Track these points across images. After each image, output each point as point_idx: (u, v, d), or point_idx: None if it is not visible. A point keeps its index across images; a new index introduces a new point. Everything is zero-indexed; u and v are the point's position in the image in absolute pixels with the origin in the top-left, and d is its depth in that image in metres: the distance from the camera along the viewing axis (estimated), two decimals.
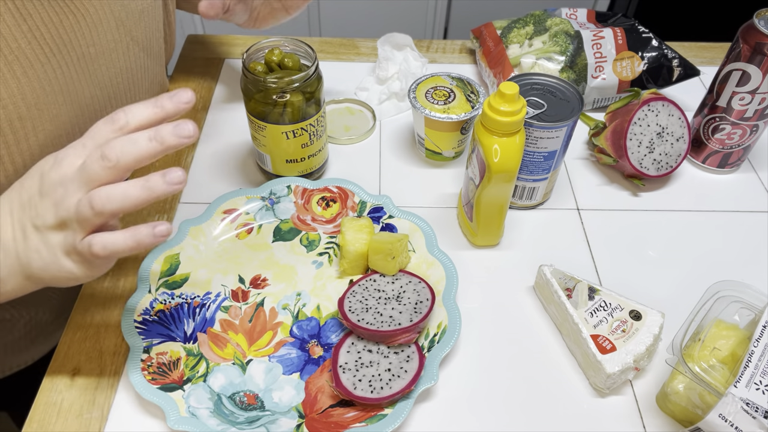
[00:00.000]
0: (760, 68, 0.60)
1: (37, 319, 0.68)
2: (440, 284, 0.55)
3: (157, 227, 0.39)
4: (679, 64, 0.75)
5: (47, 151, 0.49)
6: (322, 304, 0.56)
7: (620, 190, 0.68)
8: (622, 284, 0.58)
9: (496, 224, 0.60)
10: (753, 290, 0.49)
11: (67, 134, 0.52)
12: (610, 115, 0.68)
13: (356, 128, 0.75)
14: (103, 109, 0.56)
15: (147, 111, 0.40)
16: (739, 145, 0.67)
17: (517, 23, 0.78)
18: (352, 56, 0.86)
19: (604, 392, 0.51)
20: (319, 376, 0.51)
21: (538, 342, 0.55)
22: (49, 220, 0.40)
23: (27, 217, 0.41)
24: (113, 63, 0.55)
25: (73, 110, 0.52)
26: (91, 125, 0.44)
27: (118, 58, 0.56)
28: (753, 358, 0.44)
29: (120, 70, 0.57)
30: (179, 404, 0.47)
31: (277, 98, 0.58)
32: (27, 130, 0.48)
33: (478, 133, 0.54)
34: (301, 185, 0.63)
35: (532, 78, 0.61)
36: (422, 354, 0.50)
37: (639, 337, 0.51)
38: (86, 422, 0.49)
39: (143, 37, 0.59)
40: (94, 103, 0.55)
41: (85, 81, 0.52)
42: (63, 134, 0.51)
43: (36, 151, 0.49)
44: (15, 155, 0.48)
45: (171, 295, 0.55)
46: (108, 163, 0.38)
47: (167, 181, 0.38)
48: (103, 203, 0.38)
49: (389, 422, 0.46)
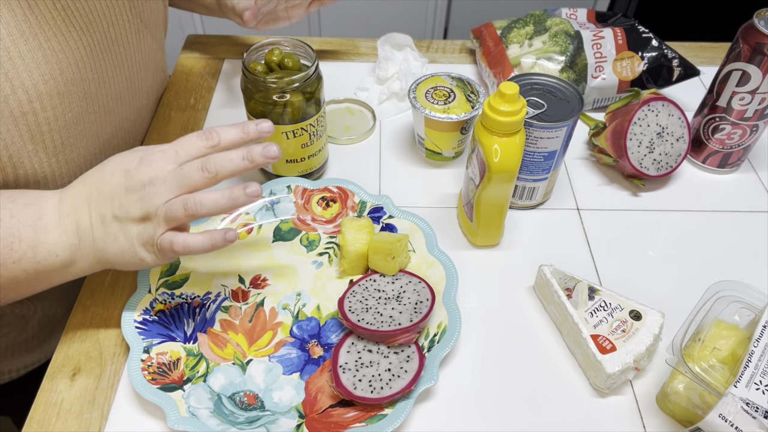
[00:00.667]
0: (760, 68, 0.60)
1: (50, 315, 0.69)
2: (440, 284, 0.55)
3: (228, 233, 0.46)
4: (679, 64, 0.75)
5: (79, 128, 0.54)
6: (322, 304, 0.56)
7: (620, 190, 0.68)
8: (622, 284, 0.59)
9: (496, 224, 0.60)
10: (753, 290, 0.49)
11: (95, 113, 0.56)
12: (610, 115, 0.68)
13: (356, 128, 0.75)
14: (123, 91, 0.60)
15: (236, 134, 0.47)
16: (739, 145, 0.67)
17: (517, 23, 0.78)
18: (352, 56, 0.86)
19: (604, 392, 0.51)
20: (319, 376, 0.51)
21: (538, 342, 0.55)
22: (133, 213, 0.45)
23: (108, 207, 0.46)
24: (129, 44, 0.58)
25: (100, 89, 0.56)
26: (110, 106, 0.53)
27: (131, 41, 0.59)
28: (753, 358, 0.44)
29: (133, 52, 0.60)
30: (179, 404, 0.47)
31: (277, 98, 0.58)
32: (64, 107, 0.51)
33: (478, 133, 0.54)
34: (301, 185, 0.63)
35: (532, 78, 0.61)
36: (422, 354, 0.50)
37: (639, 337, 0.51)
38: (86, 422, 0.49)
39: (150, 20, 0.62)
40: (115, 84, 0.58)
41: (109, 61, 0.56)
42: (92, 112, 0.56)
43: (71, 128, 0.53)
44: (54, 132, 0.52)
45: (171, 295, 0.55)
46: (207, 174, 0.45)
47: (248, 194, 0.45)
48: (196, 207, 0.45)
49: (389, 422, 0.46)
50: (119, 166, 0.47)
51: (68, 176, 0.55)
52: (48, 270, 0.47)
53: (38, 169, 0.52)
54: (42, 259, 0.46)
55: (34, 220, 0.46)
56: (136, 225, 0.46)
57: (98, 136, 0.58)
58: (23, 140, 0.49)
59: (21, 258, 0.45)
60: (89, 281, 0.58)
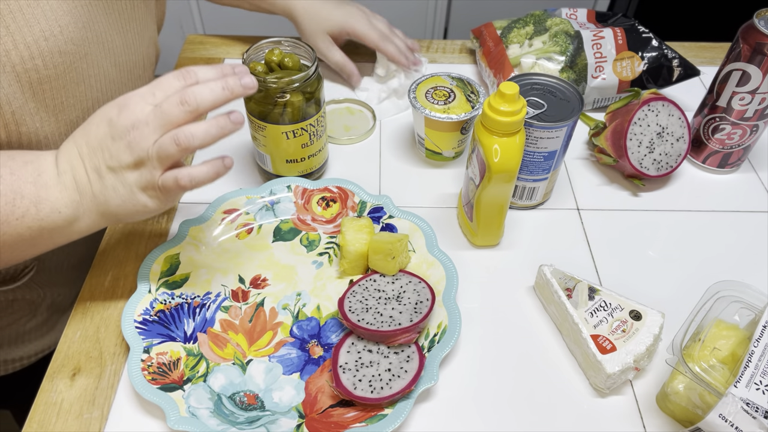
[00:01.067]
0: (760, 68, 0.60)
1: (58, 302, 0.70)
2: (440, 284, 0.55)
3: (225, 159, 0.47)
4: (679, 64, 0.75)
5: (79, 89, 0.55)
6: (322, 304, 0.56)
7: (620, 190, 0.68)
8: (622, 284, 0.59)
9: (496, 224, 0.60)
10: (753, 290, 0.49)
11: (94, 76, 0.57)
12: (610, 115, 0.68)
13: (356, 128, 0.75)
14: (122, 56, 0.61)
15: (213, 73, 0.47)
16: (739, 145, 0.67)
17: (517, 23, 0.78)
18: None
19: (604, 392, 0.51)
20: (319, 376, 0.51)
21: (538, 342, 0.55)
22: (125, 160, 0.45)
23: (100, 159, 0.46)
24: (124, 9, 0.59)
25: (100, 52, 0.57)
26: (108, 70, 0.55)
27: (126, 6, 0.60)
28: (753, 358, 0.44)
29: (129, 18, 0.61)
30: (179, 404, 0.47)
31: (277, 98, 0.58)
32: (66, 66, 0.52)
33: (478, 133, 0.54)
34: (301, 185, 0.63)
35: (532, 78, 0.61)
36: (422, 354, 0.50)
37: (639, 337, 0.51)
38: (86, 422, 0.49)
39: None
40: (114, 47, 0.59)
41: (108, 24, 0.57)
42: (92, 75, 0.57)
43: (72, 88, 0.54)
44: (55, 90, 0.53)
45: (171, 295, 0.55)
46: (188, 107, 0.45)
47: (233, 121, 0.46)
48: (189, 140, 0.44)
49: (389, 422, 0.46)
50: (102, 116, 0.47)
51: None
52: (52, 227, 0.47)
53: (39, 129, 0.53)
54: (45, 216, 0.46)
55: (34, 177, 0.46)
56: (131, 172, 0.46)
57: (98, 100, 0.58)
58: (25, 97, 0.50)
59: (24, 215, 0.45)
60: (89, 281, 0.58)
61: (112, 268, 0.59)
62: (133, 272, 0.59)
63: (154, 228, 0.63)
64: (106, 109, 0.47)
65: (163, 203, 0.48)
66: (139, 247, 0.61)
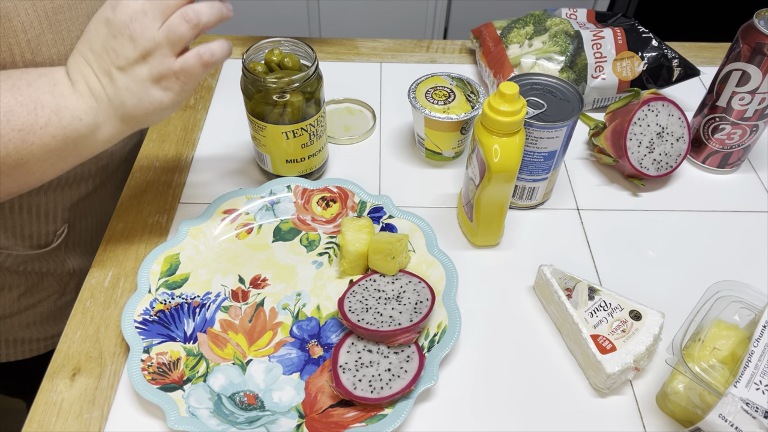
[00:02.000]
0: (760, 68, 0.60)
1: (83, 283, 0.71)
2: (440, 284, 0.55)
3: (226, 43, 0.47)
4: (679, 64, 0.75)
5: None
6: (322, 304, 0.56)
7: (620, 190, 0.68)
8: (622, 284, 0.59)
9: (496, 224, 0.60)
10: (753, 290, 0.49)
11: None
12: (610, 115, 0.68)
13: (356, 128, 0.75)
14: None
15: None
16: (739, 145, 0.67)
17: (517, 23, 0.78)
18: (352, 56, 0.86)
19: (604, 392, 0.51)
20: (319, 376, 0.51)
21: (538, 342, 0.55)
22: (131, 55, 0.45)
23: (108, 61, 0.46)
24: None
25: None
26: None
27: None
28: (753, 358, 0.44)
29: None
30: (179, 404, 0.47)
31: (277, 98, 0.58)
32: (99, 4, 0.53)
33: (478, 133, 0.54)
34: (301, 185, 0.63)
35: (532, 78, 0.61)
36: (422, 354, 0.50)
37: (639, 337, 0.51)
38: (86, 422, 0.49)
39: None
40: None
41: None
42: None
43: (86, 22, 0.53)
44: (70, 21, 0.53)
45: (171, 295, 0.55)
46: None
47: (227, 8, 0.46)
48: (198, 15, 0.44)
49: (389, 422, 0.46)
50: (99, 19, 0.46)
51: None
52: (75, 136, 0.46)
53: (56, 61, 0.53)
54: (67, 123, 0.46)
55: (50, 87, 0.46)
56: (141, 65, 0.45)
57: None
58: (42, 27, 0.50)
59: (47, 123, 0.45)
60: (89, 281, 0.58)
61: (112, 268, 0.59)
62: (133, 272, 0.59)
63: (154, 228, 0.63)
64: (101, 12, 0.46)
65: (178, 95, 0.47)
66: (139, 247, 0.61)
